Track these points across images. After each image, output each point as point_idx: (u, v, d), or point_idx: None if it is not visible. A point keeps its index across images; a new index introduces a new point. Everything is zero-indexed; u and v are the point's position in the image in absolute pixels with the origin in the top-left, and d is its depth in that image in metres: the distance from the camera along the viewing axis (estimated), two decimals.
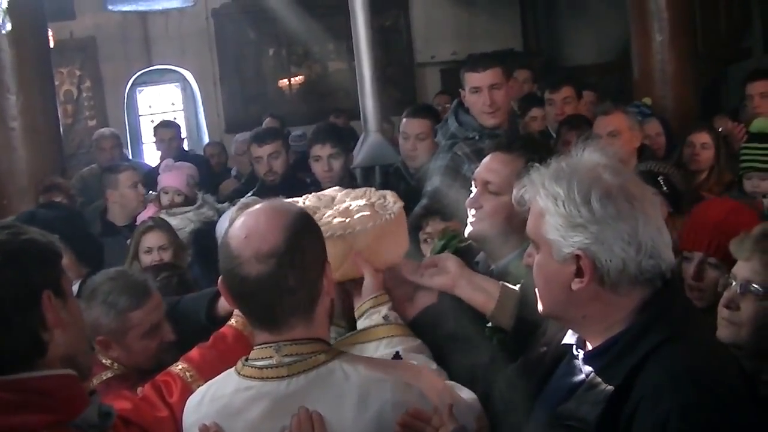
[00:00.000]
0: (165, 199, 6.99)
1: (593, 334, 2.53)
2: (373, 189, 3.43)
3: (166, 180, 7.09)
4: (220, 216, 6.50)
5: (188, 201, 6.96)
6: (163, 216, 6.65)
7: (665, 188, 4.83)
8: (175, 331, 3.81)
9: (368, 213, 3.15)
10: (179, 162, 7.48)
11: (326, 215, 3.18)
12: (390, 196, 3.32)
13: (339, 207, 3.26)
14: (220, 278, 2.68)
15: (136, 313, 3.72)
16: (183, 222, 6.68)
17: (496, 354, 3.14)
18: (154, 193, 7.30)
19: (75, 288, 4.58)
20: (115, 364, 3.73)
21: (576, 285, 2.47)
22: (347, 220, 3.12)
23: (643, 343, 2.40)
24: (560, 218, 2.45)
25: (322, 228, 2.99)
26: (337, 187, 3.48)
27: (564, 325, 2.68)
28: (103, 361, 3.73)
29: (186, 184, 7.02)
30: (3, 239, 2.35)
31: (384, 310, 3.11)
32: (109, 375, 3.68)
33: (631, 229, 2.41)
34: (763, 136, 6.58)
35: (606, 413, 2.35)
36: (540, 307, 2.62)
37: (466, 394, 2.86)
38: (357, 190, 3.41)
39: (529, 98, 9.04)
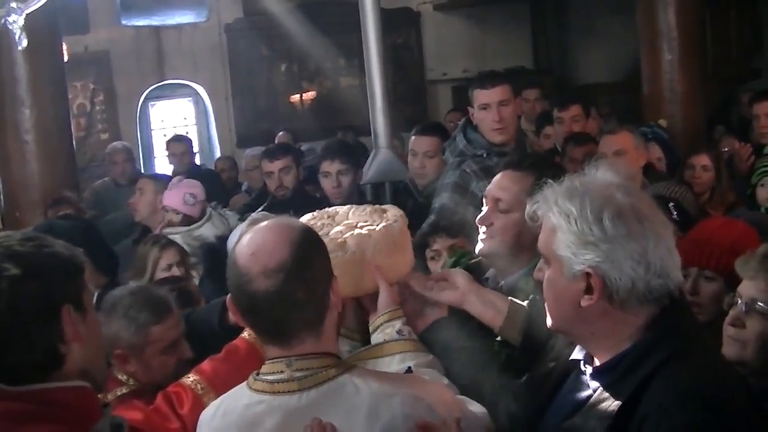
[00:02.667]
0: (166, 218, 7.02)
1: (601, 350, 2.56)
2: (373, 205, 3.45)
3: (165, 199, 7.08)
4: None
5: (188, 220, 6.93)
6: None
7: (675, 215, 4.86)
8: (190, 340, 3.82)
9: (371, 228, 3.17)
10: (185, 180, 7.46)
11: (333, 231, 3.20)
12: (392, 210, 3.35)
13: (343, 223, 3.28)
14: (228, 296, 2.71)
15: (156, 328, 3.72)
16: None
17: (504, 369, 3.17)
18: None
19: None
20: (131, 380, 3.71)
21: (585, 302, 2.49)
22: (353, 235, 3.14)
23: (649, 360, 2.42)
24: (572, 236, 2.48)
25: (332, 244, 3.03)
26: (363, 207, 3.48)
27: (572, 340, 2.71)
28: (119, 376, 3.72)
29: (183, 203, 6.95)
30: (27, 251, 2.34)
31: (398, 324, 3.12)
32: (124, 390, 3.68)
33: (641, 248, 2.43)
34: None
35: (612, 429, 2.37)
36: (549, 321, 2.65)
37: (476, 408, 2.87)
38: (358, 207, 3.42)
39: (544, 116, 9.06)
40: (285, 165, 7.05)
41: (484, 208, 3.65)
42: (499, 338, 3.28)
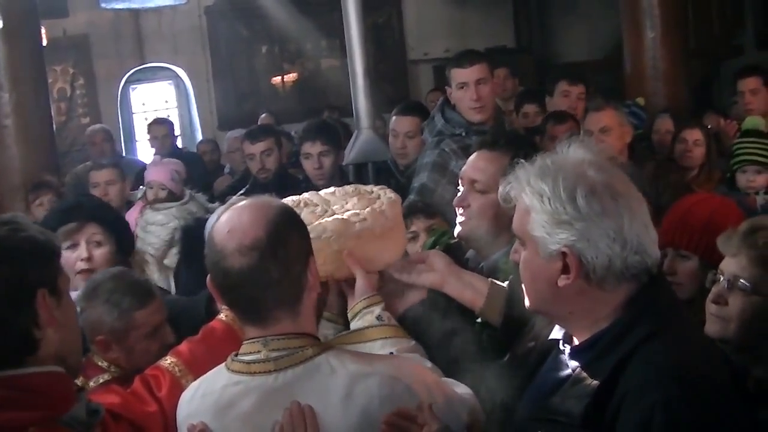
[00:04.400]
0: (150, 194, 7.00)
1: (580, 330, 2.55)
2: (369, 187, 3.43)
3: (150, 174, 7.12)
4: (208, 213, 6.52)
5: (173, 196, 6.94)
6: (147, 211, 6.69)
7: None
8: (175, 328, 3.79)
9: (365, 213, 3.15)
10: (167, 158, 7.48)
11: (322, 214, 3.18)
12: (386, 195, 3.32)
13: (334, 207, 3.26)
14: (209, 275, 2.70)
15: (140, 313, 3.66)
16: (167, 217, 6.68)
17: (484, 350, 3.16)
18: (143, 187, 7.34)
19: None
20: (112, 367, 3.65)
21: (562, 281, 2.47)
22: (343, 220, 3.12)
23: (628, 338, 2.41)
24: (546, 215, 2.46)
25: (318, 227, 3.02)
26: (332, 188, 3.47)
27: (551, 320, 2.70)
28: (100, 363, 3.68)
29: (170, 179, 6.99)
30: (1, 235, 2.34)
31: (377, 310, 3.10)
32: (106, 378, 3.62)
33: (616, 225, 2.41)
34: (758, 132, 6.63)
35: (591, 408, 2.35)
36: (527, 302, 2.63)
37: (462, 389, 2.87)
38: (352, 188, 3.41)
39: (524, 95, 9.04)
40: (267, 147, 7.02)
41: (461, 190, 3.64)
42: (479, 319, 3.27)
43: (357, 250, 3.12)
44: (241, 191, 6.55)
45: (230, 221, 2.63)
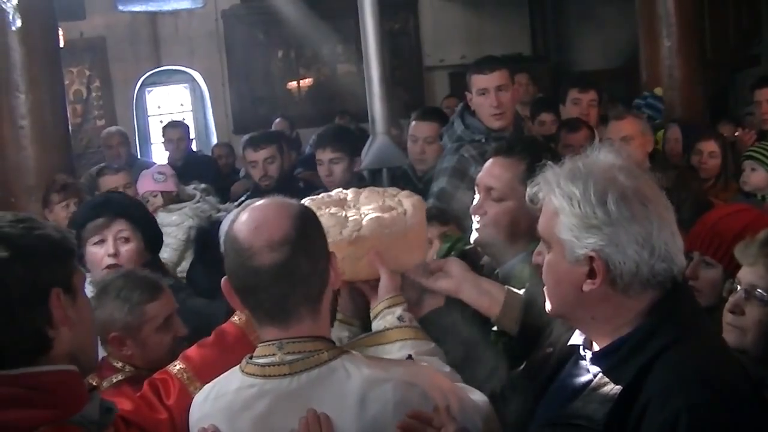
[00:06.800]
0: (149, 207, 7.00)
1: (601, 335, 2.53)
2: (392, 189, 3.42)
3: (139, 189, 7.12)
4: (219, 212, 6.53)
5: (171, 196, 6.92)
6: (160, 213, 6.68)
7: None
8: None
9: (388, 215, 3.14)
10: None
11: (346, 215, 3.17)
12: (411, 198, 3.31)
13: (357, 207, 3.25)
14: (224, 278, 2.67)
15: (150, 306, 3.68)
16: (181, 217, 6.67)
17: (501, 358, 3.14)
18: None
19: None
20: (126, 367, 3.66)
21: (587, 286, 2.45)
22: (365, 220, 3.11)
23: (651, 345, 2.39)
24: (575, 218, 2.44)
25: (340, 227, 3.02)
26: (352, 189, 3.45)
27: (571, 324, 2.68)
28: (114, 363, 3.68)
29: (154, 182, 6.97)
30: (17, 233, 2.32)
31: (398, 311, 3.09)
32: (120, 378, 3.62)
33: (645, 231, 2.40)
34: None
35: (614, 412, 2.34)
36: (548, 306, 2.61)
37: (477, 396, 2.85)
38: (377, 190, 3.38)
39: (540, 103, 9.01)
40: (270, 154, 7.01)
41: (476, 197, 3.63)
42: (495, 327, 3.25)
43: (382, 250, 3.12)
44: (243, 197, 6.54)
45: (254, 219, 2.60)
